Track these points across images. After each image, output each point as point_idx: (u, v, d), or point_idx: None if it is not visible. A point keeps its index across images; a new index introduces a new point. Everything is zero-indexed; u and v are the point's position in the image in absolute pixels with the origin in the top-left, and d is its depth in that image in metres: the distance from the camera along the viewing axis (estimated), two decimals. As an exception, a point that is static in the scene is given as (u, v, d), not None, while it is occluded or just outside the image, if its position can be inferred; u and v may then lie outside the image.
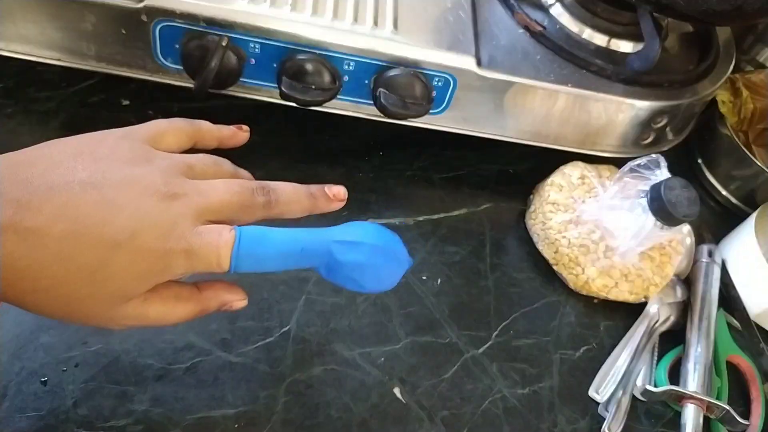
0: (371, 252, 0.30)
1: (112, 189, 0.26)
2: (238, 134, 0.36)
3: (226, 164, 0.33)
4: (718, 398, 0.43)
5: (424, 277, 0.44)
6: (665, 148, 0.51)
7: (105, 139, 0.29)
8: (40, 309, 0.27)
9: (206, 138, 0.34)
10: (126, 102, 0.47)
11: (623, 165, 0.46)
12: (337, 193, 0.33)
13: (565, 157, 0.49)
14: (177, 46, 0.40)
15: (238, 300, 0.32)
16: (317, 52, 0.40)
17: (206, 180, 0.30)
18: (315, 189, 0.33)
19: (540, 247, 0.47)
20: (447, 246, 0.47)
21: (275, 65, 0.41)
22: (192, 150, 0.33)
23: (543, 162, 0.50)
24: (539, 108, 0.45)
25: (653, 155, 0.45)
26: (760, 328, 0.49)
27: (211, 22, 0.39)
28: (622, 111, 0.46)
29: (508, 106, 0.45)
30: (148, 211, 0.27)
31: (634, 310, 0.47)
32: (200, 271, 0.28)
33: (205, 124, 0.34)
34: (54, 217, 0.25)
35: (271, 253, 0.29)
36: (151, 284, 0.28)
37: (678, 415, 0.42)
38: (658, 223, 0.43)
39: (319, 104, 0.42)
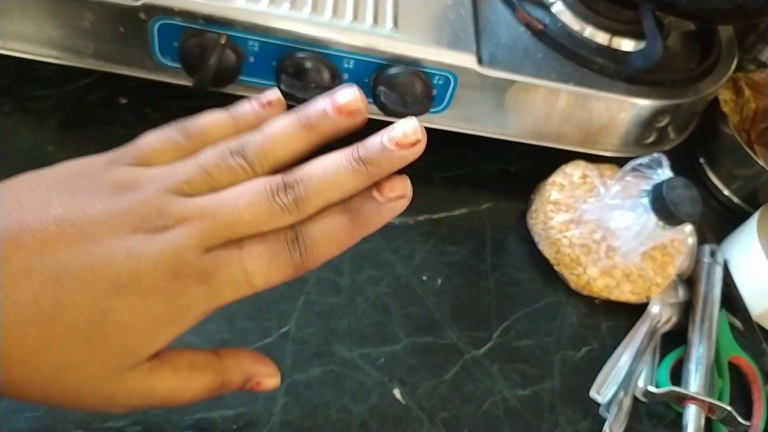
0: None
1: (94, 226, 0.22)
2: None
3: (255, 147, 0.26)
4: (719, 399, 0.43)
5: (424, 278, 0.44)
6: (667, 148, 0.51)
7: (86, 169, 0.24)
8: (16, 389, 0.21)
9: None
10: (124, 100, 0.46)
11: (625, 164, 0.46)
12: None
13: (567, 157, 0.49)
14: (175, 44, 0.40)
15: (268, 375, 0.27)
16: (317, 50, 0.40)
17: (215, 192, 0.24)
18: (347, 152, 0.28)
19: (541, 247, 0.47)
20: (447, 246, 0.46)
21: (274, 63, 0.41)
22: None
23: (544, 161, 0.49)
24: (540, 107, 0.45)
25: (655, 154, 0.45)
26: (762, 329, 0.48)
27: (210, 20, 0.38)
28: (624, 110, 0.46)
29: (509, 104, 0.45)
30: (145, 247, 0.22)
31: (635, 311, 0.46)
32: (226, 301, 0.24)
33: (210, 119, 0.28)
34: (26, 267, 0.21)
35: None
36: (165, 338, 0.23)
37: (679, 416, 0.42)
38: (660, 222, 0.43)
39: (319, 103, 0.42)
